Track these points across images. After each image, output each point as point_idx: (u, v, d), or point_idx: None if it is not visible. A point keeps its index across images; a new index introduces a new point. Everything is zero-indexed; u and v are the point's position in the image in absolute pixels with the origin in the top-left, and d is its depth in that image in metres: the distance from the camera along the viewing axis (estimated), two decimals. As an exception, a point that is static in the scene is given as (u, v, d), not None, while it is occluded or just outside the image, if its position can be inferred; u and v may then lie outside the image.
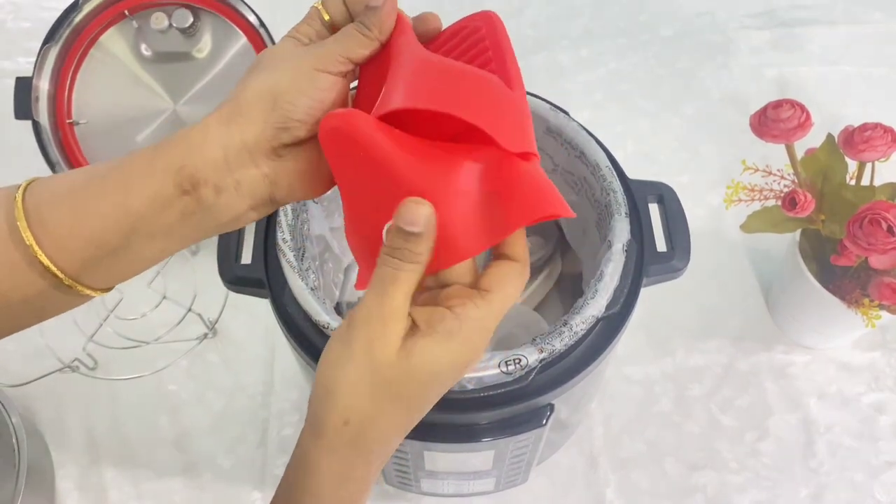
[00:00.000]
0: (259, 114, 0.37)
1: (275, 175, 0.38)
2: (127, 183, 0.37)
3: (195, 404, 0.79)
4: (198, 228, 0.39)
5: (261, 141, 0.37)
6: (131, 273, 0.40)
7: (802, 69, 1.03)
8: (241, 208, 0.38)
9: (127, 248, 0.38)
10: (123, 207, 0.37)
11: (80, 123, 0.88)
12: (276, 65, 0.38)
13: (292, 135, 0.37)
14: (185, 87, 0.88)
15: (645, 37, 1.06)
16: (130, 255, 0.38)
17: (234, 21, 0.87)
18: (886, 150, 0.64)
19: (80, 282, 0.38)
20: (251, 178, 0.38)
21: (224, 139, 0.37)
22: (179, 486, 0.74)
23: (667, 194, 0.60)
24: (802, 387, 0.79)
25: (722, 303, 0.84)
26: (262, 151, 0.37)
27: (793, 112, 0.63)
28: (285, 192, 0.39)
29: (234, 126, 0.37)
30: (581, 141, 0.60)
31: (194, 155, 0.37)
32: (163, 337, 0.79)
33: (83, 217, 0.37)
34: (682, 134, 0.98)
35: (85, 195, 0.37)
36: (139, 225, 0.37)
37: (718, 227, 0.88)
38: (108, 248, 0.38)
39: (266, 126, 0.37)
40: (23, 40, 1.04)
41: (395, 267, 0.34)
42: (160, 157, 0.37)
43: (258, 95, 0.37)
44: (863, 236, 0.61)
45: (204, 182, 0.37)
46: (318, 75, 0.37)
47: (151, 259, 0.40)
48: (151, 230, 0.38)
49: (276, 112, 0.37)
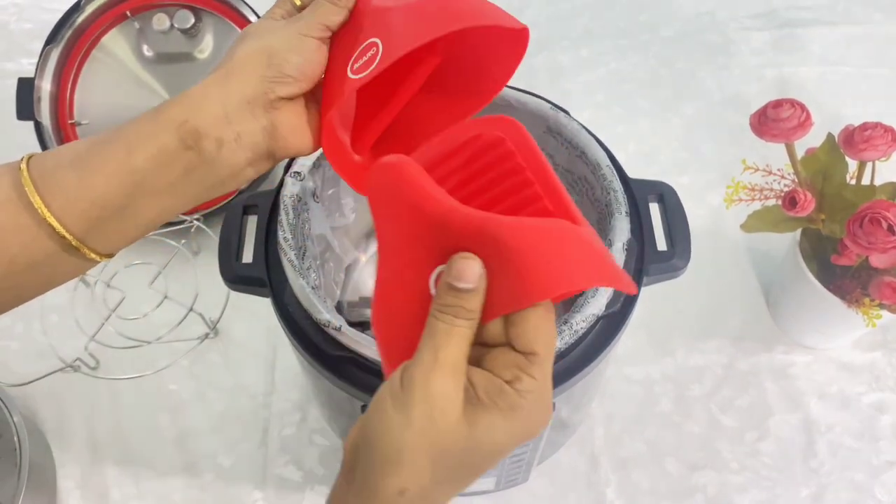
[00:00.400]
0: (255, 70, 0.40)
1: (272, 127, 0.41)
2: (130, 142, 0.39)
3: (196, 404, 0.79)
4: (199, 183, 0.41)
5: (258, 94, 0.40)
6: (135, 235, 0.42)
7: (803, 69, 1.03)
8: (240, 162, 0.41)
9: (131, 207, 0.40)
10: (127, 166, 0.39)
11: (81, 124, 0.88)
12: (262, 34, 0.42)
13: (287, 89, 0.40)
14: (186, 88, 0.88)
15: (645, 37, 1.06)
16: (135, 214, 0.40)
17: (235, 22, 0.88)
18: (887, 149, 0.64)
19: (85, 244, 0.40)
20: (250, 130, 0.40)
21: (223, 96, 0.40)
22: (180, 486, 0.74)
23: (667, 193, 0.60)
24: (803, 387, 0.79)
25: (722, 303, 0.84)
26: (259, 104, 0.40)
27: (793, 111, 0.63)
28: (281, 143, 0.41)
29: (232, 83, 0.40)
30: (581, 140, 0.60)
31: (195, 111, 0.39)
32: (164, 337, 0.80)
33: (89, 178, 0.39)
34: (682, 134, 0.98)
35: (89, 158, 0.39)
36: (143, 182, 0.39)
37: (719, 227, 0.88)
38: (113, 208, 0.40)
39: (262, 80, 0.40)
40: (25, 41, 1.04)
41: (449, 322, 0.33)
42: (162, 116, 0.40)
43: (252, 55, 0.40)
44: (863, 235, 0.61)
45: (206, 135, 0.39)
46: (304, 38, 0.41)
47: (154, 220, 0.42)
48: (155, 187, 0.40)
49: (271, 68, 0.40)
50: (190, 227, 0.85)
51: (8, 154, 0.98)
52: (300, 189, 0.58)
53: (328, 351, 0.52)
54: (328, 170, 0.63)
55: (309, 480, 0.74)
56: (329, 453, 0.76)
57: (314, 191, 0.61)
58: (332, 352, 0.52)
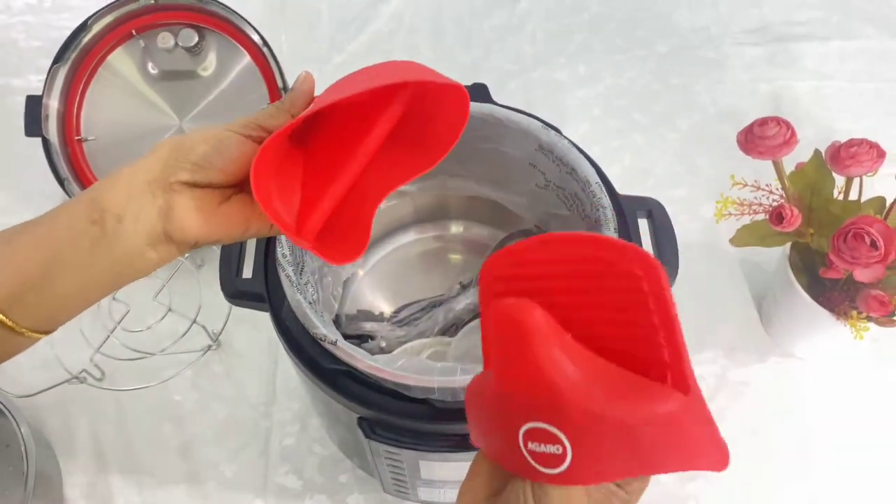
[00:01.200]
0: (163, 154, 0.43)
1: (168, 208, 0.42)
2: (53, 217, 0.42)
3: (199, 414, 0.81)
4: (105, 259, 0.42)
5: (159, 177, 0.42)
6: (56, 312, 0.44)
7: (796, 84, 1.04)
8: (140, 241, 0.42)
9: (49, 278, 0.42)
10: (46, 237, 0.42)
11: (88, 140, 0.90)
12: (195, 130, 0.45)
13: (186, 175, 0.42)
14: (190, 105, 0.91)
15: (641, 53, 1.08)
16: (52, 286, 0.42)
17: (238, 40, 0.90)
18: (872, 165, 0.66)
19: (9, 316, 0.42)
20: (147, 210, 0.42)
21: (130, 175, 0.42)
22: (183, 494, 0.76)
23: (655, 209, 0.62)
24: (795, 397, 0.80)
25: (716, 313, 0.86)
26: (159, 186, 0.42)
27: (778, 129, 0.65)
28: (176, 226, 0.43)
29: (140, 166, 0.43)
30: (572, 158, 0.62)
31: (106, 189, 0.42)
32: (168, 348, 0.81)
33: (13, 248, 0.42)
34: (677, 148, 0.99)
35: (18, 231, 0.42)
36: (59, 254, 0.41)
37: (713, 240, 0.90)
38: (33, 278, 0.41)
39: (165, 165, 0.42)
40: (34, 58, 1.06)
41: None
42: (84, 194, 0.43)
43: (167, 143, 0.43)
44: (847, 250, 0.62)
45: (108, 210, 0.42)
46: (224, 132, 0.43)
47: (74, 297, 0.43)
48: (69, 260, 0.42)
49: (177, 154, 0.42)
50: (193, 241, 0.86)
51: (16, 169, 1.00)
52: (298, 206, 0.60)
53: (324, 364, 0.54)
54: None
55: (308, 489, 0.76)
56: (328, 462, 0.77)
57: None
58: (328, 365, 0.54)
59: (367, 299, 0.78)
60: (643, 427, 0.33)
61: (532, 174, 0.67)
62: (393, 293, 0.78)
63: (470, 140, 0.67)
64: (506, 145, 0.67)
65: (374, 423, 0.55)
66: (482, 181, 0.74)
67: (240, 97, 0.90)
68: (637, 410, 0.33)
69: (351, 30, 1.10)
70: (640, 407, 0.33)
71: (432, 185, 0.75)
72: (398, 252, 0.81)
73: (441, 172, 0.73)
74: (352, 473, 0.77)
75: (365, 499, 0.75)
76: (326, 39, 1.10)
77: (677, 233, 0.64)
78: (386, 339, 0.73)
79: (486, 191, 0.75)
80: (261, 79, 0.89)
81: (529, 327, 0.35)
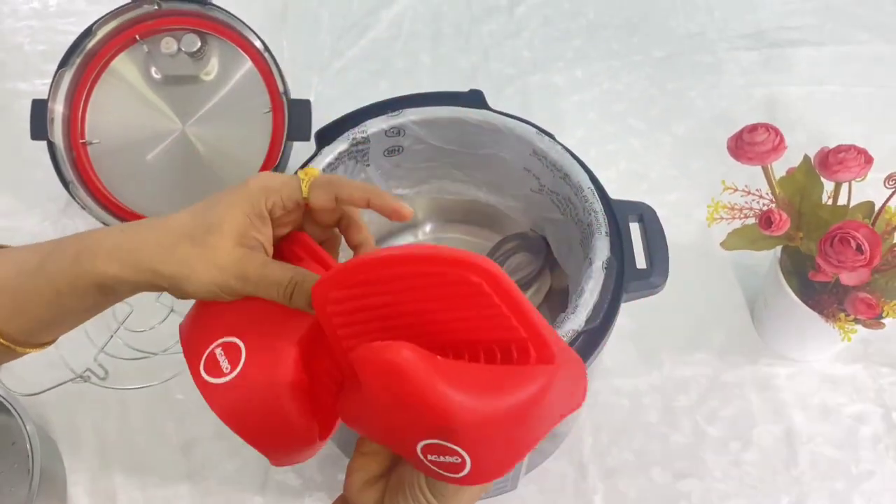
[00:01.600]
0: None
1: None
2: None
3: (201, 412, 0.82)
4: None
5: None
6: (59, 334, 0.50)
7: (790, 89, 1.06)
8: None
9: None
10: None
11: (93, 143, 0.92)
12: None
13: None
14: (193, 109, 0.92)
15: (638, 58, 1.09)
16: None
17: (240, 46, 0.91)
18: (859, 170, 0.67)
19: (25, 344, 0.47)
20: None
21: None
22: (185, 491, 0.78)
23: (647, 214, 0.63)
24: (786, 398, 0.82)
25: (708, 316, 0.87)
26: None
27: (767, 136, 0.66)
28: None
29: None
30: (565, 164, 0.63)
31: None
32: (171, 348, 0.83)
33: (24, 303, 0.45)
34: (672, 152, 1.01)
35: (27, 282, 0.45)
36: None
37: (706, 244, 0.90)
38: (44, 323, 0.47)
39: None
40: (39, 63, 1.08)
41: None
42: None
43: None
44: (833, 254, 0.64)
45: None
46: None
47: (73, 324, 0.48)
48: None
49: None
50: (196, 243, 0.88)
51: (22, 172, 1.01)
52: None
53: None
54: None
55: (308, 487, 0.78)
56: (327, 461, 0.79)
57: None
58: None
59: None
60: (526, 410, 0.36)
61: (527, 179, 0.69)
62: (391, 295, 0.80)
63: (468, 146, 0.69)
64: (502, 151, 0.68)
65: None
66: (480, 186, 0.76)
67: (241, 101, 0.92)
68: (516, 399, 0.36)
69: (351, 36, 1.12)
70: (518, 394, 0.36)
71: (431, 190, 0.76)
72: (396, 254, 0.83)
73: (442, 178, 0.75)
74: (350, 471, 0.78)
75: (363, 496, 0.77)
76: (327, 45, 1.11)
77: (671, 236, 0.65)
78: (384, 341, 0.74)
79: (482, 195, 0.76)
80: (262, 83, 0.90)
81: (404, 367, 0.35)
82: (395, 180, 0.73)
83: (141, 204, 0.91)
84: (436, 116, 0.66)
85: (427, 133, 0.67)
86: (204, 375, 0.42)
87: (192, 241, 0.42)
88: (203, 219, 0.43)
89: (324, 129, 0.67)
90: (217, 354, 0.42)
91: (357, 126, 0.66)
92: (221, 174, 0.92)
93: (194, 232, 0.42)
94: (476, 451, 0.36)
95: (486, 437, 0.36)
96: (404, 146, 0.69)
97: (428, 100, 0.68)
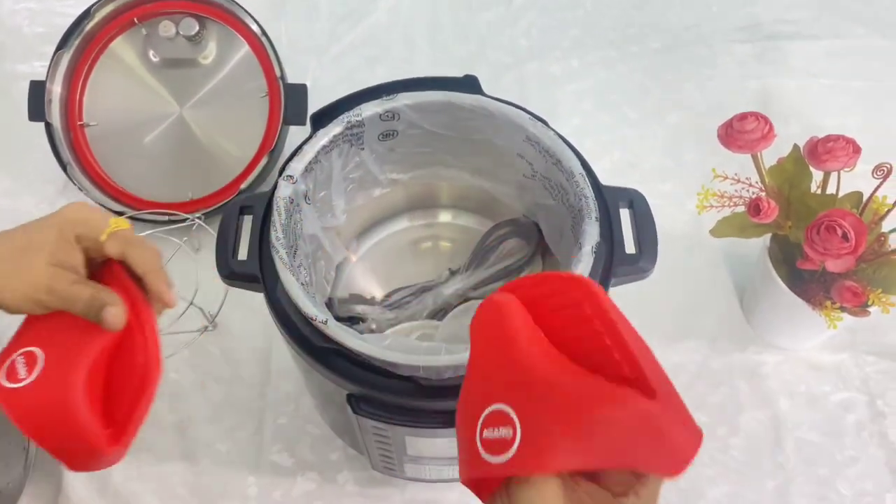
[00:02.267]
0: None
1: None
2: None
3: (196, 393, 0.83)
4: None
5: None
6: None
7: (785, 81, 1.06)
8: None
9: None
10: None
11: (90, 126, 0.92)
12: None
13: None
14: (190, 92, 0.93)
15: (634, 49, 1.10)
16: None
17: (237, 30, 0.92)
18: (847, 160, 0.68)
19: None
20: None
21: None
22: (179, 470, 0.79)
23: (637, 200, 0.64)
24: (773, 385, 0.83)
25: (699, 304, 0.88)
26: None
27: (757, 124, 0.67)
28: None
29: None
30: (557, 149, 0.64)
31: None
32: (166, 329, 0.83)
33: None
34: (666, 142, 1.01)
35: None
36: None
37: (698, 233, 0.92)
38: None
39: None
40: (38, 45, 1.08)
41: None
42: None
43: None
44: (819, 242, 0.65)
45: None
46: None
47: None
48: None
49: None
50: (192, 225, 0.89)
51: (20, 153, 1.02)
52: (292, 191, 0.62)
53: (316, 343, 0.56)
54: (320, 174, 0.67)
55: (301, 467, 0.79)
56: (320, 441, 0.80)
57: (306, 193, 0.65)
58: (319, 343, 0.56)
59: (359, 284, 0.80)
60: (595, 411, 0.35)
61: (520, 164, 0.69)
62: (384, 278, 0.81)
63: (462, 131, 0.70)
64: (495, 136, 0.69)
65: (362, 400, 0.57)
66: (473, 171, 0.76)
67: (238, 85, 0.92)
68: (593, 393, 0.35)
69: (349, 22, 1.12)
70: (596, 391, 0.36)
71: (424, 175, 0.77)
72: (390, 239, 0.84)
73: (435, 163, 0.75)
74: (342, 452, 0.79)
75: (354, 476, 0.78)
76: (325, 30, 1.12)
77: (663, 226, 0.66)
78: (376, 322, 0.75)
79: (476, 180, 0.77)
80: (259, 68, 0.91)
81: (506, 309, 0.38)
82: (389, 164, 0.74)
83: (137, 186, 0.92)
84: (430, 100, 0.67)
85: (421, 117, 0.68)
86: (2, 381, 0.46)
87: (9, 259, 0.49)
88: (20, 241, 0.50)
89: (319, 112, 0.68)
90: (17, 362, 0.47)
91: (352, 109, 0.66)
92: (218, 157, 0.92)
93: (12, 251, 0.49)
94: (528, 429, 0.35)
95: (546, 415, 0.35)
96: (398, 130, 0.69)
97: (423, 84, 0.68)
